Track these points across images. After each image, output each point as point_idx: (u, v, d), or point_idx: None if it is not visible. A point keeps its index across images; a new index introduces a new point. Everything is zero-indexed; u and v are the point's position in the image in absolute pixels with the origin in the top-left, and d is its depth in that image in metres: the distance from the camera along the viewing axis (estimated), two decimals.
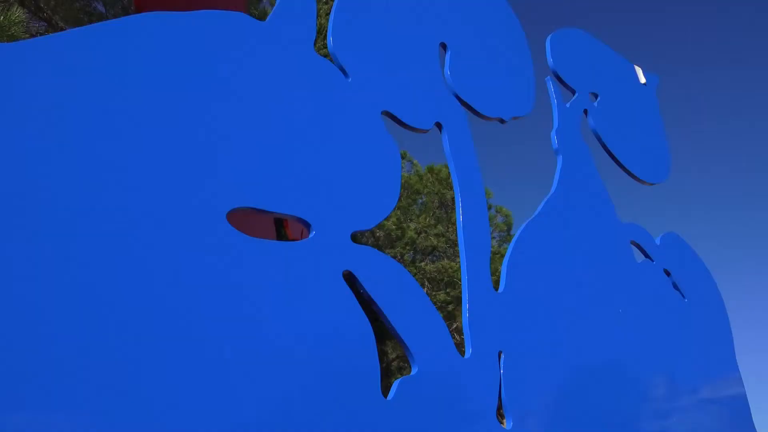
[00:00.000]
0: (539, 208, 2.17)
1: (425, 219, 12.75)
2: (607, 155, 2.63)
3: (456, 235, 13.01)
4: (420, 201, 13.17)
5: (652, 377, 2.24)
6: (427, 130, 1.93)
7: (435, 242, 12.61)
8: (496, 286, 1.86)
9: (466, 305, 1.74)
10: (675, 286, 2.53)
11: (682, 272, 2.60)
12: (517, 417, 1.71)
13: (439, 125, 1.97)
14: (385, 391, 1.47)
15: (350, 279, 1.53)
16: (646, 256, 2.49)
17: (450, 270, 11.96)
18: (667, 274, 2.54)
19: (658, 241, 2.59)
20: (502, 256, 1.90)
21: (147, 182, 1.27)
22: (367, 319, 1.49)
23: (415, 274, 11.48)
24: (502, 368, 1.73)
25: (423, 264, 12.65)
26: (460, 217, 1.86)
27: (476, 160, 1.98)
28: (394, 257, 12.66)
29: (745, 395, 2.66)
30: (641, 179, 2.71)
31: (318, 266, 1.46)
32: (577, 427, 1.90)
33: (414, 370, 1.55)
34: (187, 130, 1.37)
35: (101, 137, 1.23)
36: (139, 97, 1.31)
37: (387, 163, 1.72)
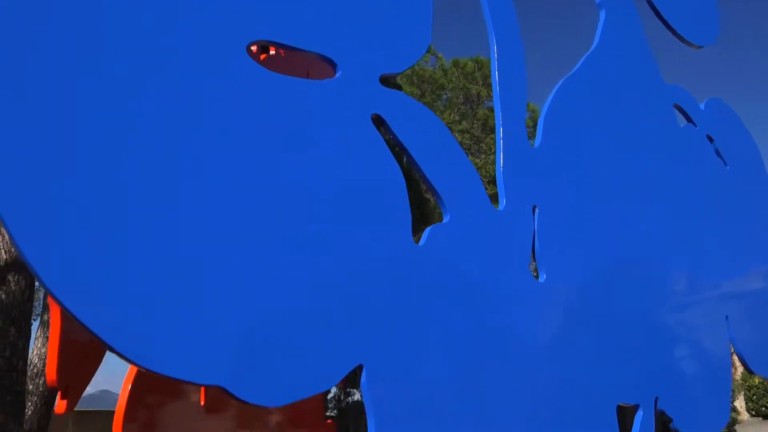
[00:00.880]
0: (579, 63, 2.02)
1: (450, 115, 12.46)
2: (652, 13, 2.43)
3: (480, 132, 12.80)
4: (444, 97, 12.83)
5: (683, 253, 2.18)
6: None
7: (459, 138, 12.39)
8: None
9: (500, 157, 1.66)
10: (717, 153, 2.41)
11: (726, 139, 2.47)
12: (550, 271, 1.67)
13: None
14: None
15: (379, 123, 1.44)
16: (689, 120, 2.36)
17: (474, 166, 11.82)
18: (710, 140, 2.41)
19: (702, 107, 2.45)
20: None
21: (165, 15, 1.17)
22: (396, 164, 1.42)
23: None
24: (536, 222, 1.67)
25: None
26: (495, 63, 1.74)
27: (513, 6, 1.83)
28: None
29: None
30: (688, 41, 2.52)
31: (345, 107, 1.38)
32: (604, 289, 1.86)
33: (446, 219, 1.50)
34: None
35: None
36: None
37: (417, 2, 1.58)
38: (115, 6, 1.11)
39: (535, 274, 1.65)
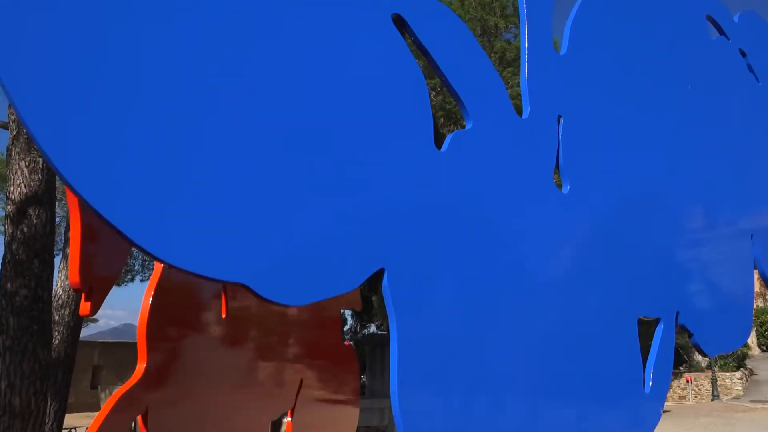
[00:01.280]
0: None
1: None
2: None
3: (498, 65, 12.46)
4: None
5: (712, 168, 2.11)
6: None
7: None
8: None
9: (525, 64, 1.60)
10: (750, 69, 2.32)
11: (760, 54, 2.36)
12: (574, 182, 1.63)
13: None
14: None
15: (400, 24, 1.38)
16: (722, 33, 2.25)
17: None
18: (743, 54, 2.31)
19: (736, 19, 2.33)
20: None
21: None
22: (417, 66, 1.37)
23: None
24: (560, 132, 1.62)
25: None
26: None
27: None
28: (434, 89, 12.29)
29: None
30: None
31: (363, 5, 1.32)
32: (628, 203, 1.81)
33: (468, 126, 1.46)
34: None
35: None
36: None
37: None
38: None
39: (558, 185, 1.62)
